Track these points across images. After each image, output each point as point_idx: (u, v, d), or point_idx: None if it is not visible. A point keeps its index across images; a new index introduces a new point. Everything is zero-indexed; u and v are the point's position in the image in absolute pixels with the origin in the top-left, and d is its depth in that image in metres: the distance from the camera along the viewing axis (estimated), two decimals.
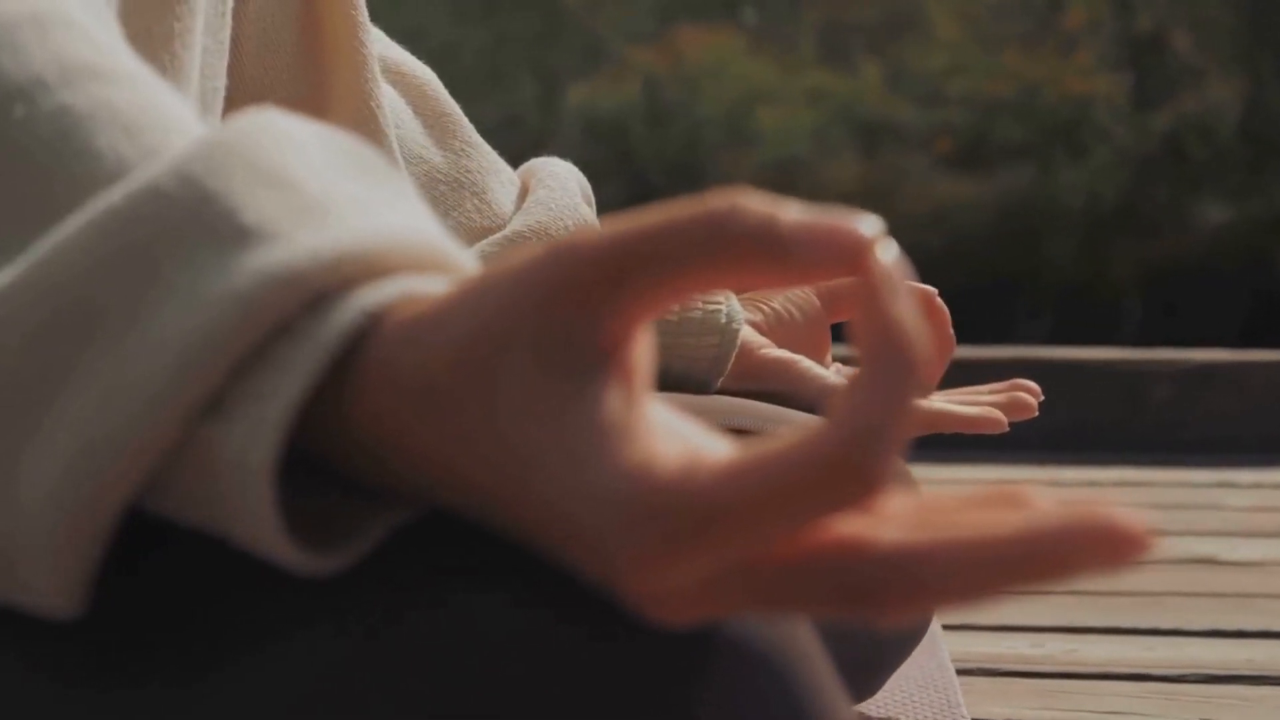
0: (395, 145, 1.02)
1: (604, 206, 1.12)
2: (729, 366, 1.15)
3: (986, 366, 2.42)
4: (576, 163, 1.18)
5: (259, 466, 0.41)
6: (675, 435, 0.41)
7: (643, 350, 0.42)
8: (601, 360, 0.40)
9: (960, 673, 1.31)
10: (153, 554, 0.47)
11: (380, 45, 1.09)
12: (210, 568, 0.46)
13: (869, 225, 0.39)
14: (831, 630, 1.06)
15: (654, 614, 0.40)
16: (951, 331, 1.23)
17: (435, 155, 1.08)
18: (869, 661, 1.12)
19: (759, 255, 0.39)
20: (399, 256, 0.43)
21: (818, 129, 3.95)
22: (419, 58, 1.13)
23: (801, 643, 0.46)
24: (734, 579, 0.39)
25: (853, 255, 0.39)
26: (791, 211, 0.39)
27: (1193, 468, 2.24)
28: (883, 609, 0.39)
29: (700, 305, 1.14)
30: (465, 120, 1.11)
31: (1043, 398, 1.24)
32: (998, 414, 1.20)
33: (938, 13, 3.97)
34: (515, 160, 1.16)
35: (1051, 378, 2.39)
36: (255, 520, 0.42)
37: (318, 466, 0.46)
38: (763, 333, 1.20)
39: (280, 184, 0.44)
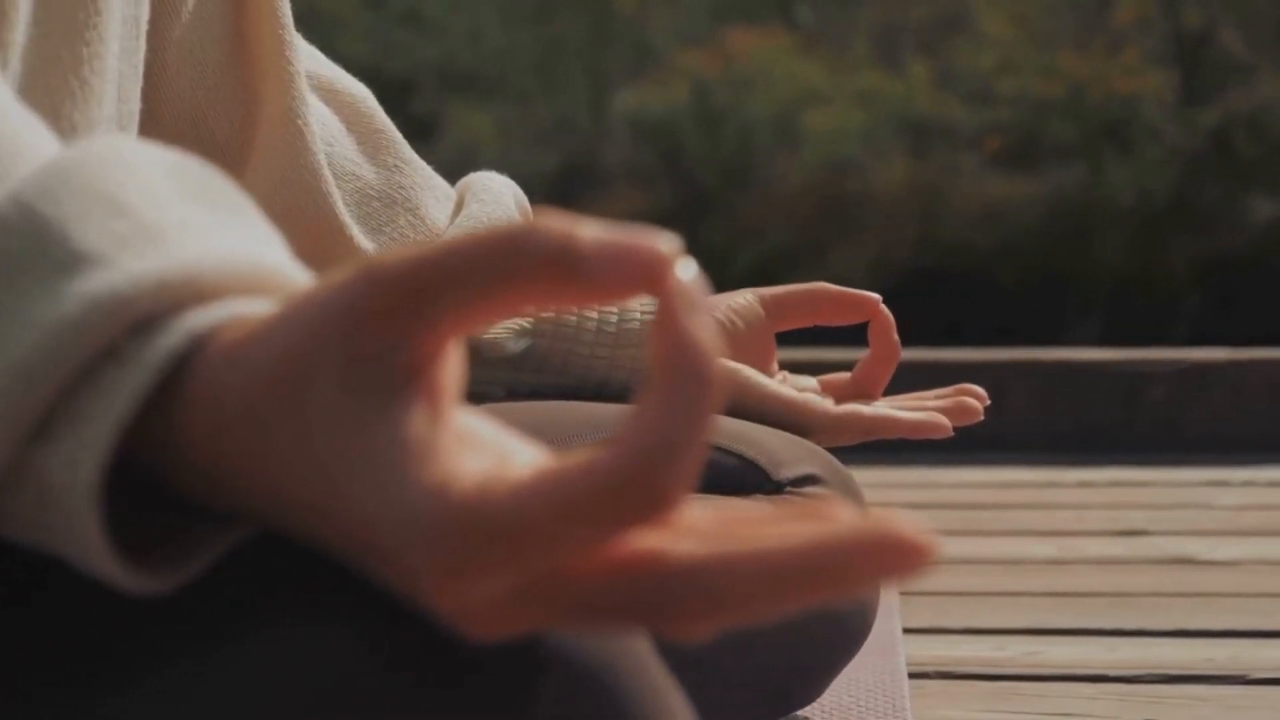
0: (323, 163, 1.03)
1: (655, 209, 1.12)
2: None
3: (982, 369, 2.42)
4: (627, 165, 1.18)
5: (84, 488, 0.42)
6: (485, 451, 0.41)
7: (451, 369, 0.42)
8: (407, 380, 0.41)
9: (917, 676, 1.31)
10: None
11: (314, 63, 1.09)
12: (61, 589, 0.47)
13: (667, 243, 0.39)
14: (771, 634, 1.08)
15: (464, 629, 0.41)
16: (896, 338, 1.23)
17: (368, 172, 1.08)
18: (811, 666, 1.13)
19: (558, 275, 0.39)
20: (231, 280, 0.44)
21: (868, 130, 3.95)
22: (471, 62, 1.13)
23: (635, 657, 0.46)
24: (538, 593, 0.40)
25: (650, 273, 0.39)
26: (590, 231, 0.39)
27: (1189, 467, 2.23)
28: (679, 622, 0.39)
29: (639, 317, 1.15)
30: (399, 137, 1.11)
31: (989, 402, 1.24)
32: (941, 419, 1.19)
33: (987, 12, 3.96)
34: (566, 164, 1.17)
35: (1049, 379, 2.40)
36: (84, 541, 0.42)
37: (155, 487, 0.46)
38: None
39: (116, 210, 0.44)
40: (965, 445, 2.39)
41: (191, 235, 0.45)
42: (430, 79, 4.03)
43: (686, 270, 0.39)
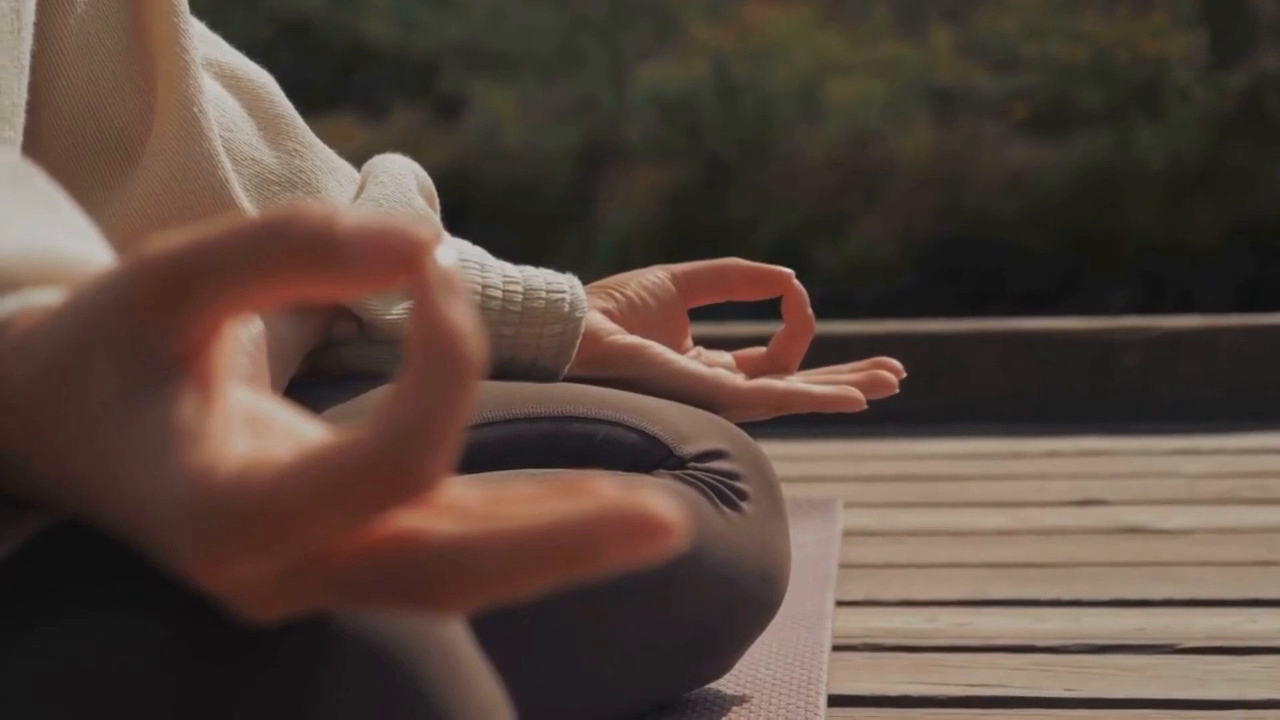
0: (220, 149, 1.03)
1: (676, 184, 1.12)
2: (575, 354, 1.16)
3: (951, 339, 2.41)
4: (649, 141, 1.18)
5: None
6: (274, 435, 0.42)
7: (224, 354, 0.43)
8: (177, 365, 0.41)
9: (844, 649, 1.31)
10: None
11: (215, 50, 1.10)
12: None
13: (425, 228, 0.39)
14: (664, 610, 1.08)
15: (237, 610, 0.41)
16: (810, 312, 1.23)
17: (268, 157, 1.08)
18: (713, 639, 1.12)
19: (318, 260, 0.39)
20: (28, 270, 0.44)
21: (890, 99, 3.93)
22: (494, 41, 1.12)
23: (440, 640, 0.47)
24: (305, 575, 0.40)
25: (407, 258, 0.39)
26: (350, 218, 0.39)
27: (1160, 436, 2.21)
28: (440, 600, 0.40)
29: (544, 295, 1.15)
30: (300, 121, 1.11)
31: (905, 375, 1.23)
32: (855, 392, 1.19)
33: None
34: (589, 141, 1.17)
35: (1019, 348, 2.39)
36: None
37: None
38: (615, 320, 1.20)
39: None
40: (934, 417, 2.39)
41: None
42: (454, 58, 4.05)
43: (445, 255, 0.39)
